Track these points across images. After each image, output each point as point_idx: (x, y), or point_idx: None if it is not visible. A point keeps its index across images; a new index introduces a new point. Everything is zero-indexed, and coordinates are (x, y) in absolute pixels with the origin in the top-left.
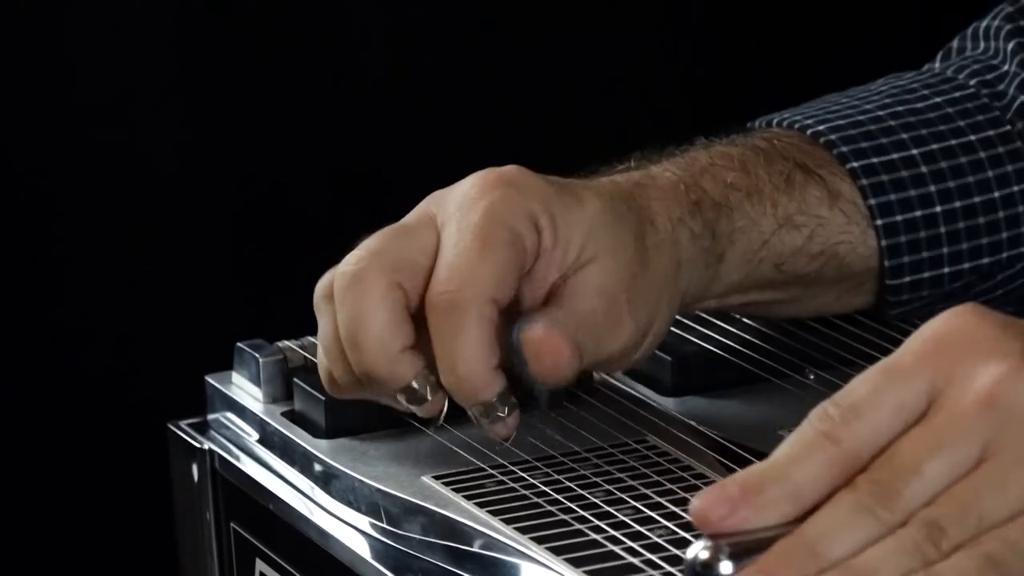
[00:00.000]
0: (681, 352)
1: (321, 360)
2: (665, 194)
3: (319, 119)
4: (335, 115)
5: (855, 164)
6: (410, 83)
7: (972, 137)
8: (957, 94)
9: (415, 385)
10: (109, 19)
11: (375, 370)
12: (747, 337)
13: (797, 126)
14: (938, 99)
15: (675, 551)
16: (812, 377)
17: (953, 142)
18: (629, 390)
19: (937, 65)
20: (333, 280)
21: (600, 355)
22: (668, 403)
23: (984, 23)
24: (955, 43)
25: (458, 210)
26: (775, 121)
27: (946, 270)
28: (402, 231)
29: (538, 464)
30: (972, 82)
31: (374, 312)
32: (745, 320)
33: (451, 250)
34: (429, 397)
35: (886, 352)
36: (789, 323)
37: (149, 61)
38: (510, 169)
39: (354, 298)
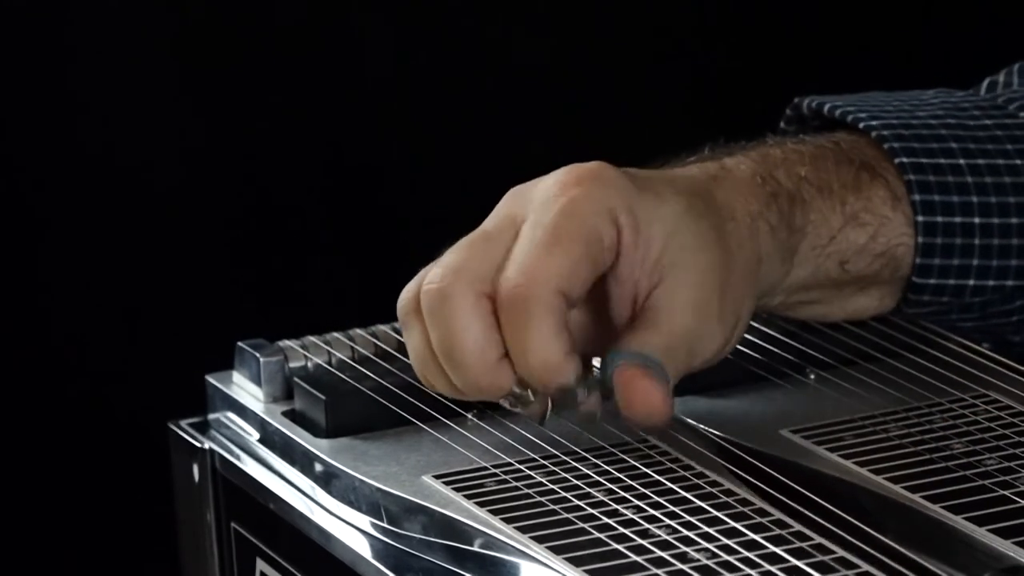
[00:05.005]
0: None
1: (419, 373)
2: (743, 187)
3: (319, 120)
4: (335, 116)
5: (904, 160)
6: (410, 85)
7: (1018, 161)
8: (1008, 120)
9: (516, 390)
10: (109, 20)
11: (476, 383)
12: (747, 337)
13: (850, 118)
14: (988, 121)
15: (675, 551)
16: (813, 377)
17: (1000, 161)
18: None
19: (983, 94)
20: (416, 296)
21: (691, 365)
22: None
23: None
24: (1001, 77)
25: (536, 209)
26: (826, 107)
27: (971, 283)
28: (483, 239)
29: (539, 463)
30: (1022, 114)
31: (466, 328)
32: None
33: (521, 246)
34: (532, 398)
35: (888, 353)
36: (790, 323)
37: (149, 62)
38: (593, 165)
39: (444, 316)
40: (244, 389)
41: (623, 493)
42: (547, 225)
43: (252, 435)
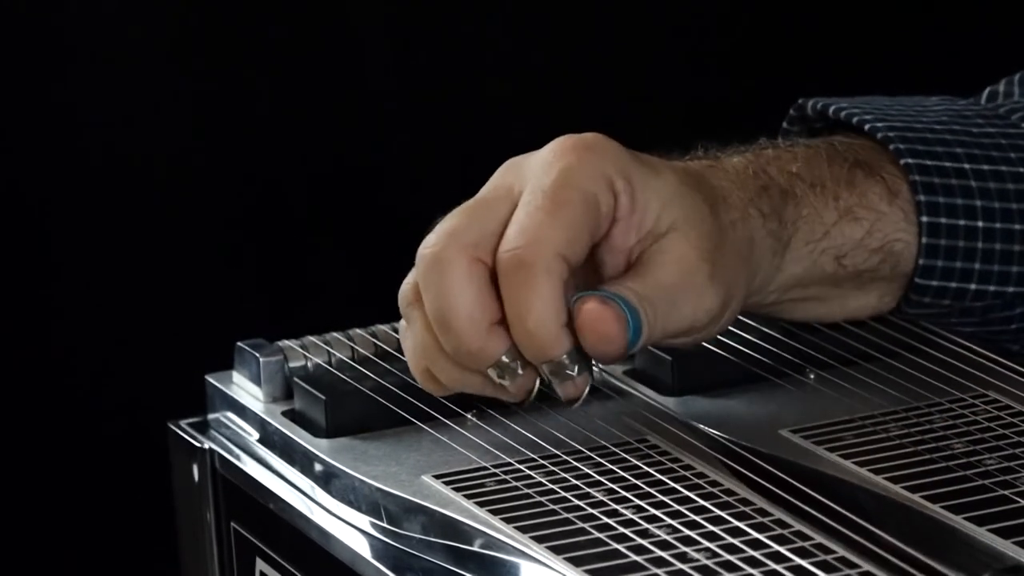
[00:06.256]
0: (682, 351)
1: (418, 360)
2: (735, 176)
3: (319, 120)
4: (335, 115)
5: (910, 160)
6: (411, 84)
7: (1022, 169)
8: (1011, 130)
9: (506, 359)
10: (109, 21)
11: (467, 347)
12: (748, 337)
13: (855, 119)
14: (991, 129)
15: (676, 550)
16: (813, 377)
17: (1003, 168)
18: (630, 389)
19: (984, 103)
20: (416, 285)
21: (678, 325)
22: (669, 402)
23: None
24: (1001, 87)
25: (533, 175)
26: (831, 109)
27: (972, 287)
28: (479, 206)
29: (539, 463)
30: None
31: (460, 291)
32: (746, 320)
33: (522, 210)
34: (520, 371)
35: (888, 353)
36: (790, 323)
37: (149, 62)
38: (589, 135)
39: (438, 280)
40: (244, 389)
41: (623, 493)
42: (546, 190)
43: (252, 435)
